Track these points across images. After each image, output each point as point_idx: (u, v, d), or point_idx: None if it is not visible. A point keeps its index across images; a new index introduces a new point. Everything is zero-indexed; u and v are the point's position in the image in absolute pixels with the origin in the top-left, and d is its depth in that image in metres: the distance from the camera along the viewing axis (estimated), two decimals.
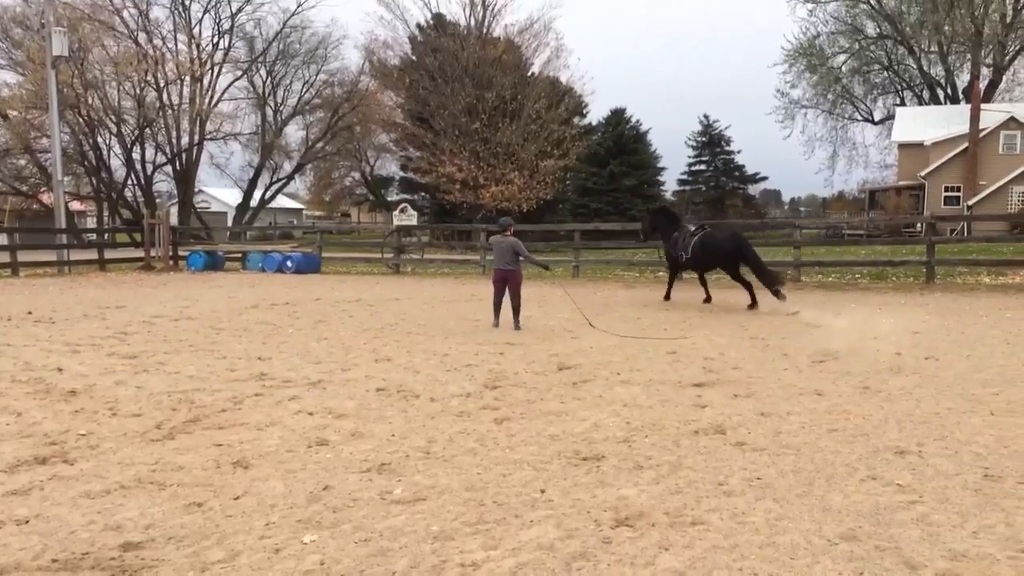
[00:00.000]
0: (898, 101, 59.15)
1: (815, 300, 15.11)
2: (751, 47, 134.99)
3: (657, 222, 15.92)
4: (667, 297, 15.35)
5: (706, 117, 60.98)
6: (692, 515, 4.13)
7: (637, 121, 53.74)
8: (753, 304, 13.61)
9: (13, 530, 4.02)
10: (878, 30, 57.47)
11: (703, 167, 61.35)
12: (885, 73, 59.99)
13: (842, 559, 3.59)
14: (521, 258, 11.74)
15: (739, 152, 61.65)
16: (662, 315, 13.06)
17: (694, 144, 61.28)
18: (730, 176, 60.94)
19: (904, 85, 60.14)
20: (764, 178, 63.74)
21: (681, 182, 61.76)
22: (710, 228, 15.18)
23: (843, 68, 59.46)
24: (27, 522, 4.13)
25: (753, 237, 36.88)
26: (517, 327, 11.28)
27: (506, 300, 11.60)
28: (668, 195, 60.30)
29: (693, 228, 14.92)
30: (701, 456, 5.17)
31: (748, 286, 14.05)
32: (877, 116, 61.15)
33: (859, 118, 61.87)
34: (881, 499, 4.35)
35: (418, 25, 48.66)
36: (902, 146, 47.96)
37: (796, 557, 3.62)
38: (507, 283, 11.63)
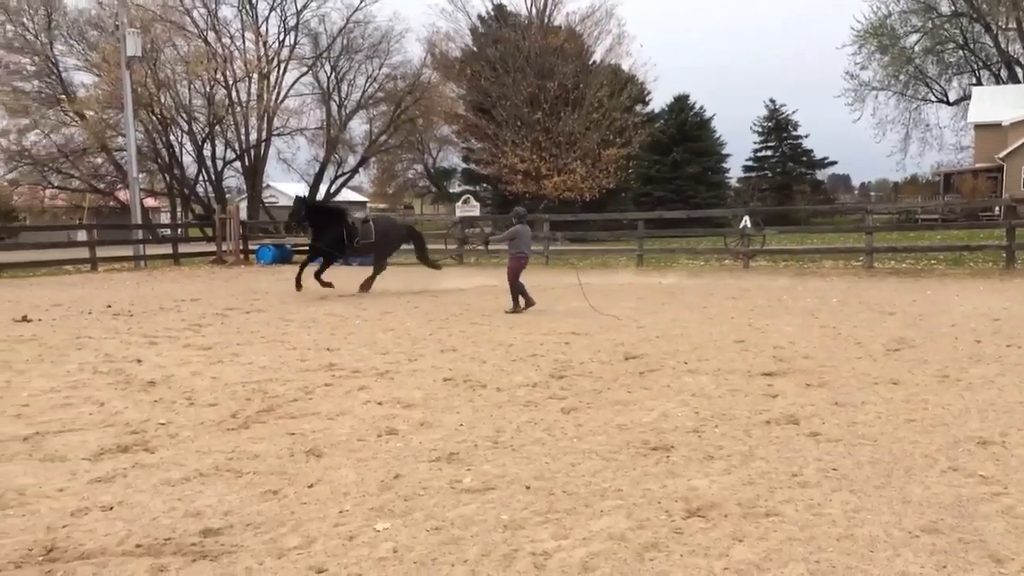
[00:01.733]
0: (974, 81, 57.01)
1: (887, 286, 14.71)
2: (819, 28, 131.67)
3: (311, 215, 16.49)
4: (327, 284, 15.79)
5: (772, 101, 59.59)
6: (766, 506, 4.07)
7: (701, 107, 52.97)
8: (367, 286, 16.03)
9: (99, 516, 4.17)
10: (952, 7, 55.44)
11: (769, 153, 60.06)
12: (960, 52, 57.83)
13: (924, 552, 3.49)
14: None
15: (806, 137, 60.21)
16: (729, 303, 12.87)
17: (759, 129, 60.04)
18: (797, 161, 59.53)
19: (980, 64, 57.91)
20: (833, 163, 62.16)
21: (746, 168, 60.60)
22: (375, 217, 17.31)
23: (916, 48, 57.52)
24: (111, 508, 4.27)
25: (822, 223, 36.01)
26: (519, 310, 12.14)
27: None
28: (733, 182, 59.34)
29: (363, 217, 16.80)
30: (774, 446, 5.08)
31: (379, 271, 16.42)
32: (952, 96, 59.05)
33: (933, 99, 59.81)
34: (963, 491, 4.21)
35: (479, 16, 48.74)
36: (979, 127, 46.31)
37: (875, 550, 3.53)
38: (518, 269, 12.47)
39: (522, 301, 12.17)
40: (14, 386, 7.33)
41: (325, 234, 16.00)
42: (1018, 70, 54.87)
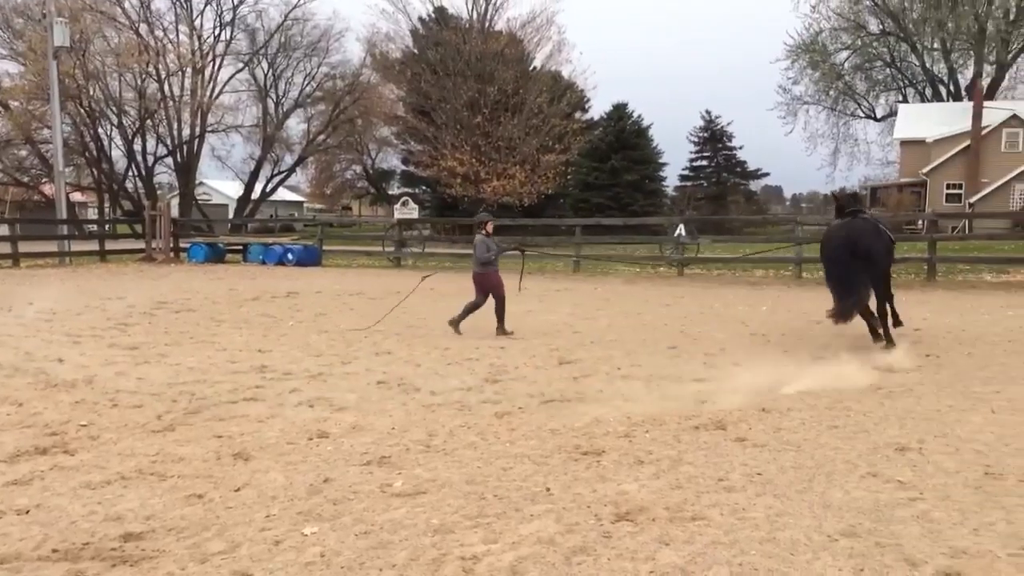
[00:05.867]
0: (900, 98, 58.90)
1: (816, 296, 15.09)
2: (754, 42, 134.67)
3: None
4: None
5: (708, 112, 60.49)
6: (692, 510, 4.13)
7: (639, 116, 53.48)
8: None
9: (14, 520, 4.02)
10: (881, 27, 57.22)
11: (704, 163, 61.06)
12: (888, 70, 59.70)
13: (842, 555, 3.59)
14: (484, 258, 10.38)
15: (741, 148, 61.44)
16: (663, 310, 13.05)
17: (696, 139, 60.90)
18: (732, 172, 60.60)
19: (907, 82, 59.89)
20: (766, 174, 63.35)
21: (683, 177, 61.34)
22: None
23: (845, 64, 59.17)
24: (28, 512, 4.13)
25: (754, 233, 36.73)
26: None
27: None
28: (670, 190, 60.05)
29: None
30: (702, 451, 5.17)
31: None
32: (879, 113, 60.89)
33: (861, 115, 61.57)
34: (882, 496, 4.34)
35: (420, 18, 48.55)
36: (904, 143, 47.79)
37: (796, 553, 3.61)
38: (480, 287, 10.44)
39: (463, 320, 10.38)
40: None
41: None
42: (942, 89, 56.94)
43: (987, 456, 5.04)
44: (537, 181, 42.71)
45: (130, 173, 44.27)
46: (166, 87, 42.09)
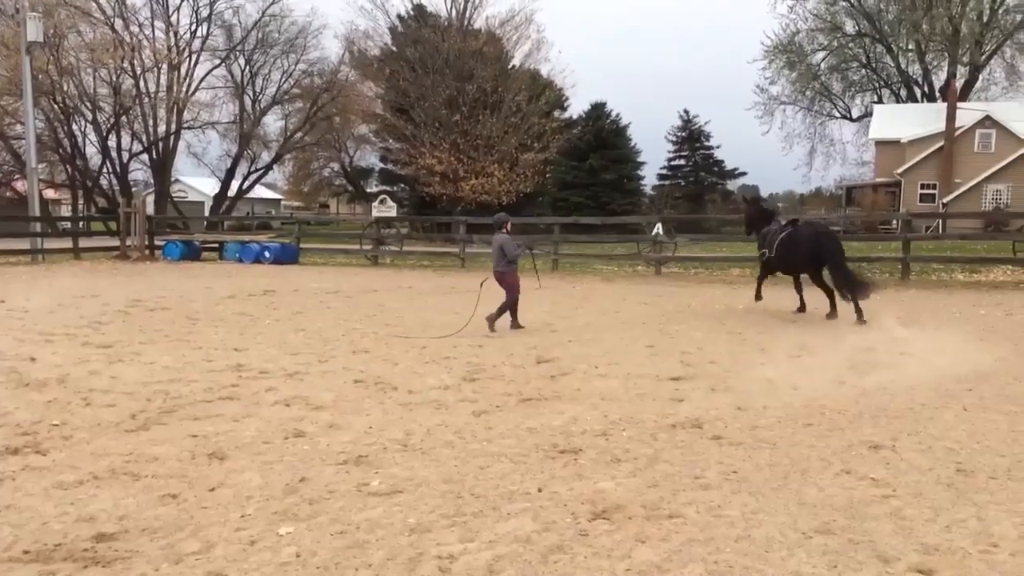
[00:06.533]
0: (876, 99, 59.52)
1: (791, 295, 15.19)
2: (732, 42, 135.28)
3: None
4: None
5: (686, 112, 60.78)
6: (669, 508, 4.15)
7: (617, 115, 53.70)
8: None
9: None
10: (857, 28, 57.79)
11: (682, 162, 61.26)
12: (863, 71, 60.33)
13: (816, 552, 3.62)
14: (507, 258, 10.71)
15: (718, 147, 61.70)
16: (640, 308, 13.10)
17: (673, 139, 61.13)
18: (709, 171, 60.87)
19: (882, 83, 60.54)
20: (743, 174, 63.64)
21: (660, 177, 61.56)
22: None
23: (822, 65, 59.74)
24: None
25: (731, 232, 36.87)
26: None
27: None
28: (648, 189, 60.27)
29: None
30: (678, 450, 5.19)
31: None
32: (855, 113, 61.51)
33: (837, 115, 62.20)
34: (855, 493, 4.38)
35: (399, 16, 48.45)
36: (879, 143, 48.30)
37: (771, 550, 3.64)
38: (500, 285, 10.81)
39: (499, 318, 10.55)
40: None
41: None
42: (917, 90, 57.59)
43: (959, 453, 5.11)
44: (516, 180, 42.75)
45: (104, 170, 43.82)
46: (141, 83, 41.71)
